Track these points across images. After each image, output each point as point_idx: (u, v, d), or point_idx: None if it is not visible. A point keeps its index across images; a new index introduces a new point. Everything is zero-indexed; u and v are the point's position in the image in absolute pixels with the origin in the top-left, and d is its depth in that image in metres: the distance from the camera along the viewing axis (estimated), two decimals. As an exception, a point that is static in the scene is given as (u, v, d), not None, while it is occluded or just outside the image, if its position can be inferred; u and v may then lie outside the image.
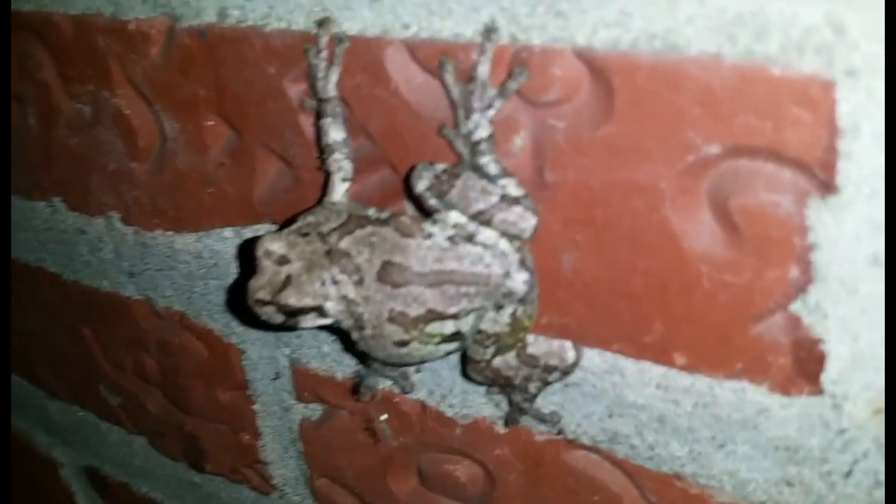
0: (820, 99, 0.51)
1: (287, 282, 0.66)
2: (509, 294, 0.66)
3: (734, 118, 0.55)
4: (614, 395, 0.72)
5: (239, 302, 0.77)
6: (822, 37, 0.50)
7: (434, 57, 0.65)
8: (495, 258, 0.65)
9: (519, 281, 0.65)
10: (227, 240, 0.93)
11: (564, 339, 0.71)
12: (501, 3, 0.61)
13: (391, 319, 0.66)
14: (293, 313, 0.68)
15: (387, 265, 0.65)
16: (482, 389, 0.82)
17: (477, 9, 0.62)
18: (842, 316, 0.58)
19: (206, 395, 1.11)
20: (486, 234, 0.65)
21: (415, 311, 0.65)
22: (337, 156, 0.71)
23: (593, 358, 0.71)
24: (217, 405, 1.11)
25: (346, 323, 0.69)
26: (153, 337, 1.12)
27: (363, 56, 0.69)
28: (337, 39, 0.69)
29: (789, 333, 0.61)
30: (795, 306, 0.59)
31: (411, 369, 0.85)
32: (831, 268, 0.57)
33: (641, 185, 0.61)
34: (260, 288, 0.67)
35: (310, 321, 0.69)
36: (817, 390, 0.61)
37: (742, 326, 0.62)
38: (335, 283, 0.66)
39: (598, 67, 0.59)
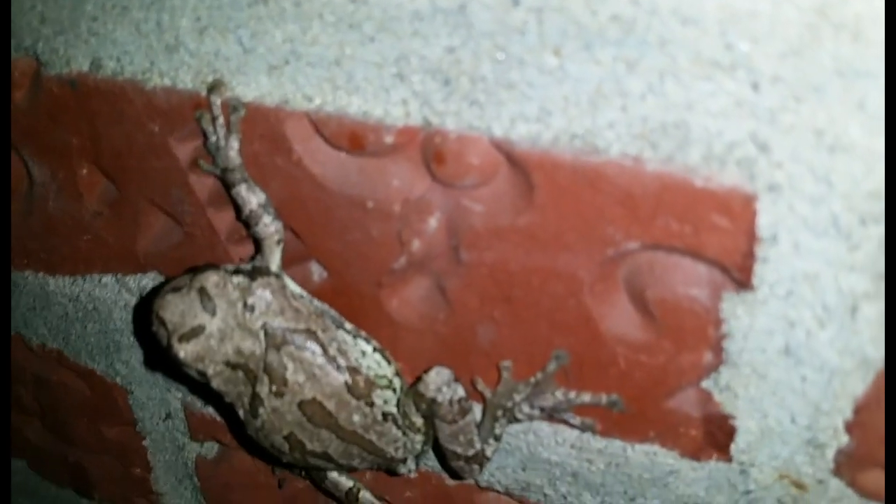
0: (740, 210, 0.52)
1: (196, 333, 0.62)
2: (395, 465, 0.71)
3: (654, 220, 0.55)
4: (528, 452, 0.73)
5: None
6: (746, 152, 0.50)
7: (342, 135, 0.61)
8: (405, 445, 0.69)
9: (408, 468, 0.72)
10: (106, 286, 0.87)
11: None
12: (413, 85, 0.58)
13: (285, 437, 0.66)
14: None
15: (315, 403, 0.64)
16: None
17: (387, 88, 0.59)
18: (752, 396, 0.60)
19: (91, 430, 1.05)
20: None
21: (312, 446, 0.66)
22: (265, 219, 0.66)
23: (508, 418, 0.71)
24: (103, 439, 1.05)
25: (236, 404, 0.66)
26: (28, 373, 1.04)
27: (261, 124, 0.64)
28: (231, 107, 0.64)
29: (701, 409, 0.62)
30: (707, 384, 0.61)
31: None
32: (743, 355, 0.58)
33: (560, 272, 0.60)
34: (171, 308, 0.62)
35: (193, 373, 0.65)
36: (726, 458, 0.64)
37: (655, 401, 0.63)
38: (250, 379, 0.64)
39: (516, 160, 0.57)
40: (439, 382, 0.66)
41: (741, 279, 0.55)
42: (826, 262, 0.52)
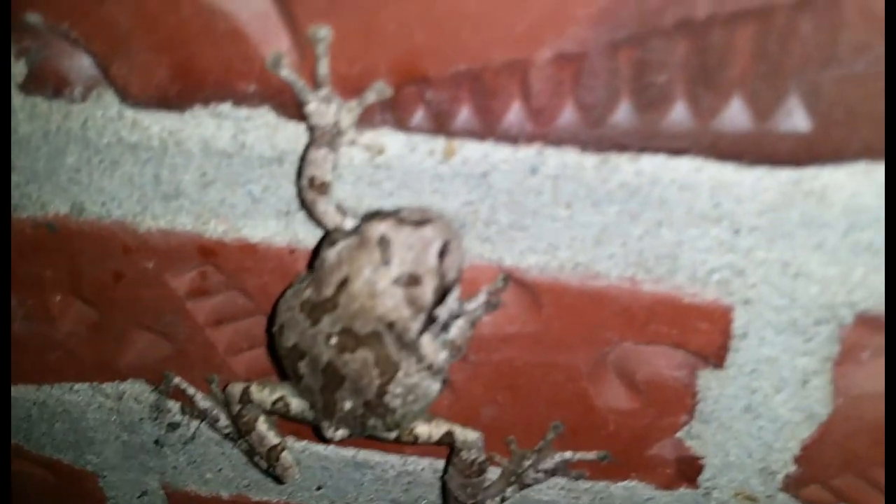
0: (719, 317, 0.63)
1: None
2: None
3: (647, 326, 0.65)
4: (520, 497, 0.83)
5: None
6: (724, 276, 0.61)
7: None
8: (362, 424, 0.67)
9: (331, 436, 0.69)
10: (79, 392, 0.87)
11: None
12: (427, 228, 0.64)
13: (294, 341, 0.63)
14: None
15: (340, 375, 0.63)
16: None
17: (400, 231, 0.65)
18: (717, 442, 0.73)
19: (50, 512, 1.05)
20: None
21: (302, 364, 0.64)
22: None
23: (502, 473, 0.81)
24: (63, 518, 1.06)
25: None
26: (-25, 470, 1.02)
27: (271, 261, 0.68)
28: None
29: (675, 453, 0.75)
30: (681, 434, 0.74)
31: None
32: (713, 414, 0.71)
33: (561, 365, 0.70)
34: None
35: None
36: (694, 486, 0.77)
37: (638, 452, 0.75)
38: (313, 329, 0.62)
39: (526, 285, 0.65)
40: (470, 444, 0.72)
41: (716, 363, 0.67)
42: (784, 350, 0.65)
